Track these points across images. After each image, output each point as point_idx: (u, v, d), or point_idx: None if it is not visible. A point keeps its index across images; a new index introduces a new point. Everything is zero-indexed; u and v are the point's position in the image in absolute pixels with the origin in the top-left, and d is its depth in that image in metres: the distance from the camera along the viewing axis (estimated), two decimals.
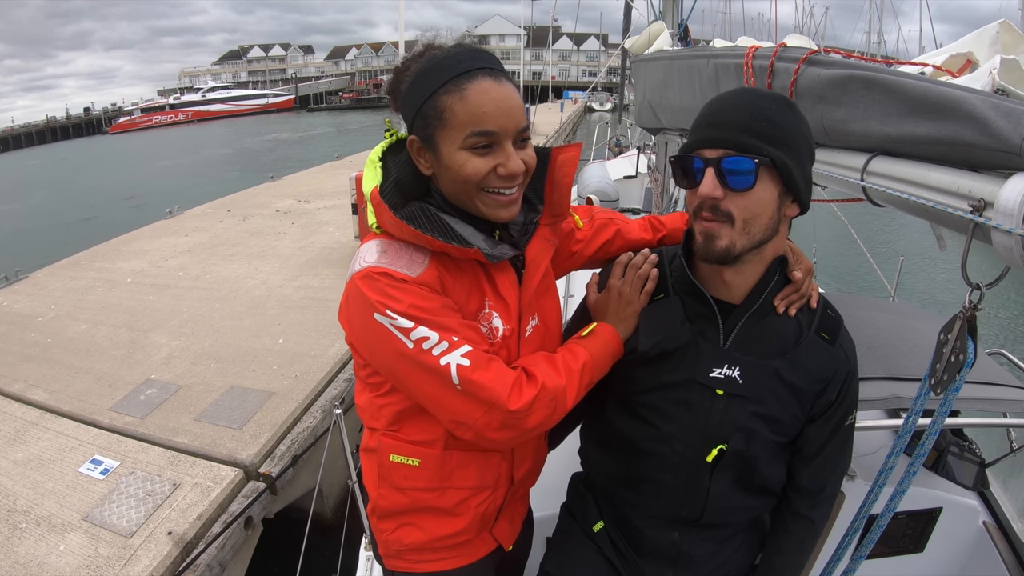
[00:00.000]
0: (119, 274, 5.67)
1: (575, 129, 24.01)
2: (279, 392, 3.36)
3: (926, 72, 1.03)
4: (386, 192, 0.84)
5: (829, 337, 0.90)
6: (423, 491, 0.92)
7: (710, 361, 0.89)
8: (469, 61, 0.77)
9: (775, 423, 0.90)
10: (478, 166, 0.77)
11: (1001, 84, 0.75)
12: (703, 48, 2.02)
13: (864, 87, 0.92)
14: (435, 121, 0.77)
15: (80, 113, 51.25)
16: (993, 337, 5.97)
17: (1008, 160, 0.66)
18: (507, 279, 0.88)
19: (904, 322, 1.62)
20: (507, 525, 1.05)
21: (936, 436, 0.92)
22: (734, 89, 0.85)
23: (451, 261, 0.83)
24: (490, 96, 0.76)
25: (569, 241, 1.07)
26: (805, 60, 1.10)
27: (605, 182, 5.03)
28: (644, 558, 1.02)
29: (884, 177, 0.91)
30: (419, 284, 0.78)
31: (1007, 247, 0.65)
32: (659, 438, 0.93)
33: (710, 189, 0.79)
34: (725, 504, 0.94)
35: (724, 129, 0.79)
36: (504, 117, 0.76)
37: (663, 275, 0.96)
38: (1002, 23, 0.96)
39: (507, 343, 0.88)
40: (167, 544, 2.30)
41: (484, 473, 0.94)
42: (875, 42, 24.84)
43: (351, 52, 71.51)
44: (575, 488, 1.17)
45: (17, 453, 2.93)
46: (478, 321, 0.85)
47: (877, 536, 1.03)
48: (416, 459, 0.90)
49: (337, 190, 8.79)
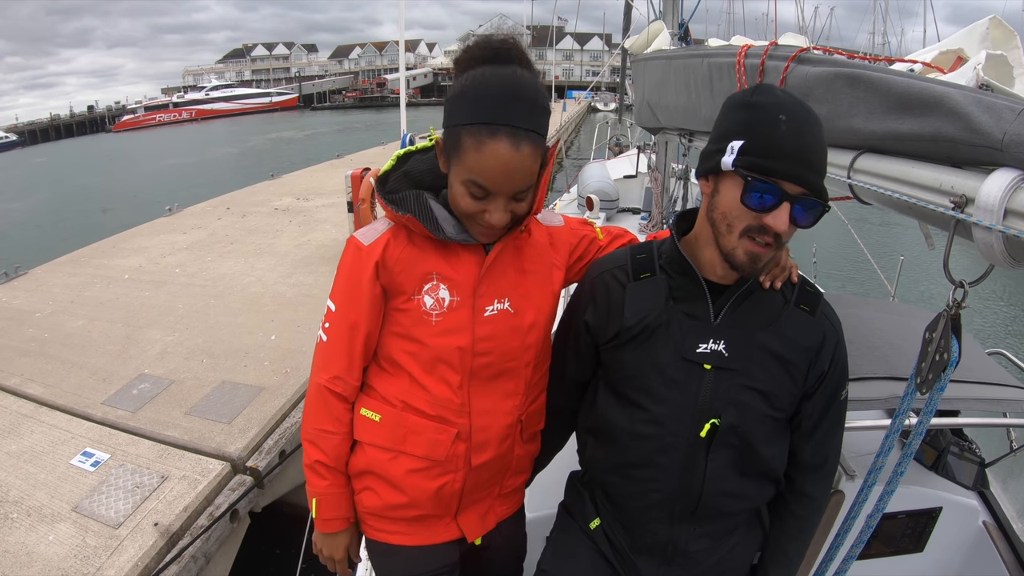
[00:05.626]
0: (117, 271, 5.67)
1: (577, 128, 24.00)
2: (269, 387, 3.36)
3: (915, 69, 1.02)
4: (389, 178, 0.96)
5: (808, 308, 0.93)
6: (379, 449, 0.98)
7: (696, 337, 0.91)
8: (504, 112, 0.80)
9: (766, 396, 0.90)
10: (469, 204, 0.86)
11: (985, 79, 0.74)
12: (698, 47, 2.02)
13: (849, 84, 0.91)
14: (453, 148, 0.85)
15: (84, 111, 51.36)
16: (993, 337, 5.94)
17: (990, 155, 0.65)
18: (471, 257, 0.95)
19: (904, 322, 1.61)
20: (475, 518, 1.06)
21: (923, 435, 0.91)
22: (800, 104, 0.82)
23: (412, 235, 0.94)
24: (499, 161, 0.81)
25: (591, 250, 1.12)
26: (794, 58, 1.09)
27: (605, 182, 5.01)
28: (641, 555, 1.01)
29: (870, 174, 0.90)
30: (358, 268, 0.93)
31: (987, 244, 0.64)
32: (651, 420, 0.93)
33: (785, 227, 0.79)
34: (722, 488, 0.93)
35: (813, 171, 0.79)
36: (505, 182, 0.83)
37: (650, 256, 0.98)
38: (992, 19, 0.95)
39: (456, 313, 0.94)
40: (153, 535, 2.32)
41: (435, 447, 0.97)
42: (879, 43, 24.79)
43: (355, 51, 71.70)
44: (572, 486, 1.16)
45: (11, 445, 2.94)
46: (424, 291, 0.94)
47: (868, 536, 1.02)
48: (378, 415, 0.98)
49: (336, 188, 8.78)
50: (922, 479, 1.58)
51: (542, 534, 1.16)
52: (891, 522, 1.52)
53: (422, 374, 0.95)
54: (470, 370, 0.96)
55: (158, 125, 46.54)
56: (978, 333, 5.79)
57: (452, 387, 0.96)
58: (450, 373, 0.95)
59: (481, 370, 0.96)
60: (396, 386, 0.97)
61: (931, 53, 1.04)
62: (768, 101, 0.80)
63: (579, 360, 1.06)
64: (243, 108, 51.83)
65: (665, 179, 3.65)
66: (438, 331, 0.93)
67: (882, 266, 3.69)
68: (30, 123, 45.27)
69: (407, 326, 0.94)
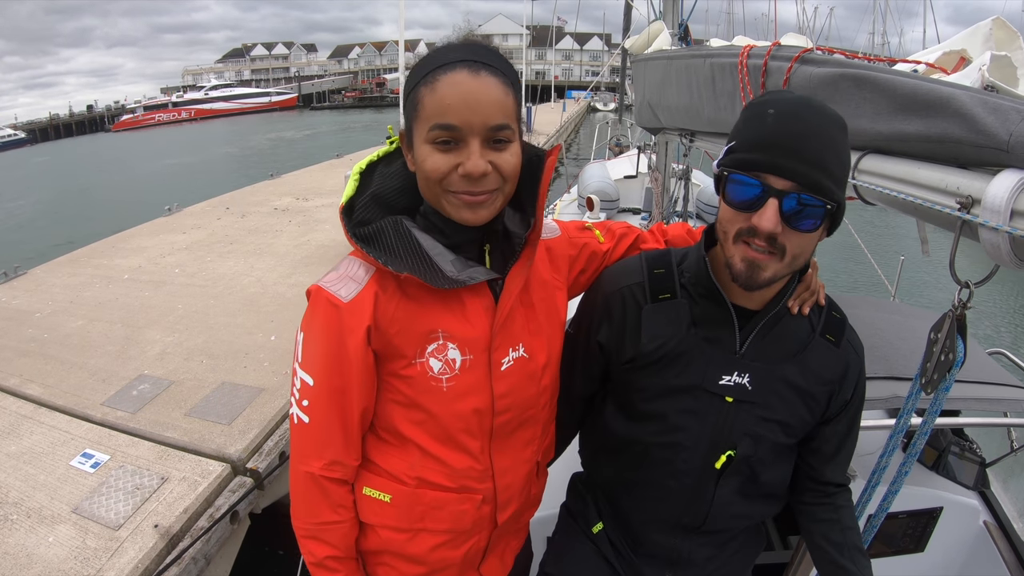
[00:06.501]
0: (116, 271, 5.65)
1: (577, 128, 23.99)
2: (269, 388, 3.35)
3: (918, 70, 1.02)
4: (358, 207, 0.79)
5: (834, 339, 0.88)
6: (393, 531, 0.86)
7: (719, 368, 0.85)
8: (454, 53, 0.71)
9: (782, 426, 0.88)
10: (438, 162, 0.71)
11: (990, 80, 0.74)
12: (700, 48, 2.02)
13: (855, 85, 0.91)
14: (411, 112, 0.73)
15: (83, 111, 51.26)
16: (993, 337, 5.95)
17: (996, 156, 0.65)
18: (479, 303, 0.80)
19: (904, 322, 1.61)
20: (497, 562, 0.99)
21: (927, 435, 0.91)
22: (801, 100, 0.73)
23: (403, 282, 0.77)
24: (459, 88, 0.69)
25: (593, 259, 1.01)
26: (798, 59, 1.09)
27: (605, 182, 5.02)
28: (643, 559, 1.01)
29: (874, 175, 0.90)
30: (336, 334, 0.76)
31: (994, 244, 0.64)
32: (666, 445, 0.90)
33: (772, 226, 0.70)
34: (728, 512, 0.93)
35: (803, 161, 0.69)
36: (469, 111, 0.68)
37: (670, 275, 0.90)
38: (995, 20, 0.95)
39: (470, 374, 0.80)
40: (153, 537, 2.30)
41: (460, 518, 0.87)
42: (879, 43, 24.81)
43: (354, 51, 71.63)
44: (575, 488, 1.15)
45: (11, 446, 2.93)
46: (428, 353, 0.78)
47: (871, 536, 1.02)
48: (387, 495, 0.84)
49: (335, 188, 8.80)
50: (923, 479, 1.58)
51: (544, 535, 1.16)
52: (892, 522, 1.52)
53: (435, 445, 0.83)
54: (490, 432, 0.84)
55: (157, 125, 46.39)
56: (978, 333, 5.79)
57: (473, 454, 0.84)
58: (468, 440, 0.83)
59: (501, 428, 0.86)
60: (404, 461, 0.84)
61: (934, 54, 1.04)
62: (764, 99, 0.75)
63: (589, 378, 1.01)
64: (242, 108, 51.68)
65: (666, 179, 3.65)
66: (451, 397, 0.80)
67: (882, 266, 3.69)
68: (29, 123, 45.16)
69: (411, 395, 0.80)
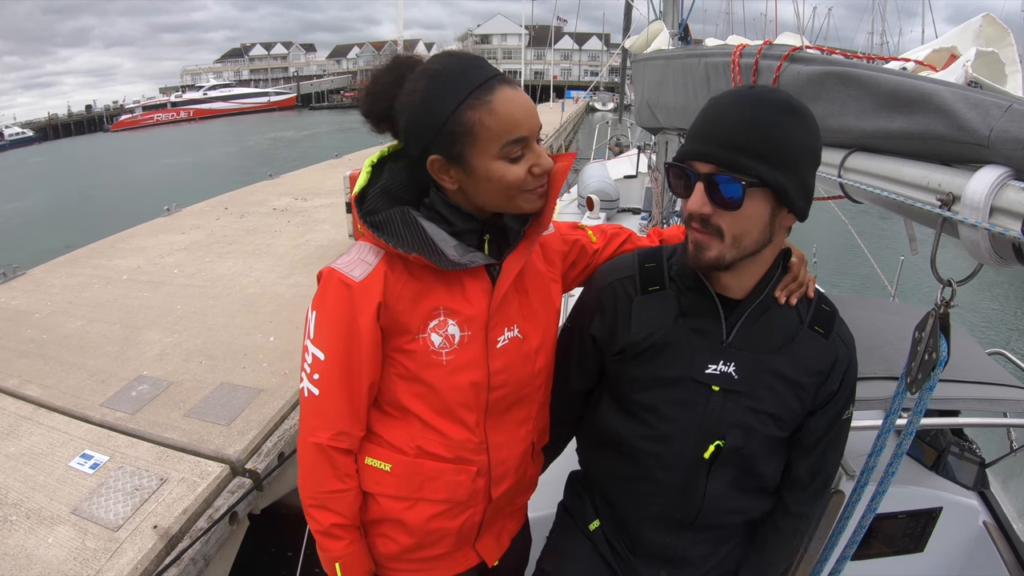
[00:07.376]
0: (115, 271, 5.65)
1: (576, 129, 23.96)
2: (268, 389, 3.35)
3: (908, 67, 1.03)
4: (369, 198, 0.87)
5: (823, 331, 0.89)
6: (393, 499, 0.92)
7: (706, 357, 0.88)
8: (479, 72, 0.78)
9: (772, 418, 0.89)
10: (518, 173, 0.80)
11: (974, 76, 0.74)
12: (695, 47, 2.02)
13: (840, 83, 0.91)
14: (464, 138, 0.78)
15: (82, 111, 51.26)
16: (993, 337, 5.94)
17: (976, 152, 0.65)
18: (478, 285, 0.88)
19: (904, 322, 1.60)
20: (492, 541, 1.04)
21: (913, 435, 0.91)
22: (734, 91, 0.79)
23: (410, 265, 0.85)
24: (514, 104, 0.77)
25: (583, 255, 1.07)
26: (787, 57, 1.09)
27: (605, 182, 5.02)
28: (640, 558, 1.02)
29: (860, 173, 0.90)
30: (347, 308, 0.83)
31: (974, 242, 0.64)
32: (656, 437, 0.92)
33: (698, 206, 0.77)
34: (721, 506, 0.94)
35: (714, 144, 0.75)
36: (530, 120, 0.79)
37: (660, 268, 0.95)
38: (985, 16, 0.95)
39: (468, 349, 0.87)
40: (152, 537, 2.31)
41: (456, 489, 0.92)
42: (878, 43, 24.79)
43: (353, 51, 71.61)
44: (572, 487, 1.16)
45: (9, 447, 2.93)
46: (430, 329, 0.86)
47: (860, 536, 1.03)
48: (388, 464, 0.91)
49: (334, 188, 8.76)
50: (922, 479, 1.58)
51: (542, 533, 1.17)
52: (891, 522, 1.52)
53: (434, 417, 0.89)
54: (486, 406, 0.91)
55: (156, 125, 46.43)
56: (978, 333, 5.79)
57: (469, 427, 0.91)
58: (466, 412, 0.90)
59: (496, 404, 0.92)
60: (405, 432, 0.91)
61: (924, 51, 1.04)
62: (713, 97, 0.80)
63: (584, 371, 1.04)
64: (241, 108, 51.70)
65: (665, 179, 3.64)
66: (450, 370, 0.87)
67: (882, 266, 3.69)
68: (28, 123, 45.16)
69: (414, 369, 0.87)
